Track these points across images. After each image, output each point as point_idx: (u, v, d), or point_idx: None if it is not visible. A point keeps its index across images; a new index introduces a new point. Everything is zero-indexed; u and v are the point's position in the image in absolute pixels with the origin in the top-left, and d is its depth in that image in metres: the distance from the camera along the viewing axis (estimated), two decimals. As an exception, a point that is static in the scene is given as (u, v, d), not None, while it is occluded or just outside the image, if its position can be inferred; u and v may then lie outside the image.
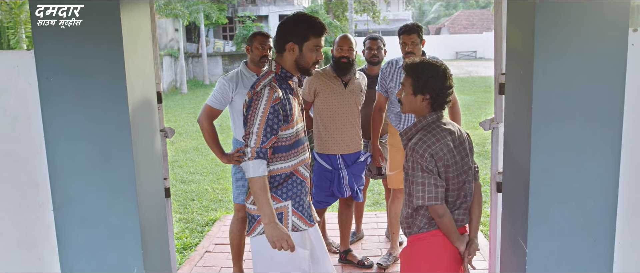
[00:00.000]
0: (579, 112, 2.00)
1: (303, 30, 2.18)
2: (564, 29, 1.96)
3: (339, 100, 3.40)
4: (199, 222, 5.17)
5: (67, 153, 2.16)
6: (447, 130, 2.15)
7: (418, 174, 2.09)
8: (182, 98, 17.92)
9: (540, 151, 2.02)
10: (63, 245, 2.23)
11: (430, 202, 2.08)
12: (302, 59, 2.21)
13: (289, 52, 2.19)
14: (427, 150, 2.07)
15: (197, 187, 6.60)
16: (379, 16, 25.68)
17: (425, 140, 2.09)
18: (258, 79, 2.20)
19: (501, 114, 2.54)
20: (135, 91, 2.18)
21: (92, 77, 2.11)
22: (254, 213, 2.24)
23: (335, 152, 3.44)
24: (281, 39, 2.21)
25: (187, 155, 8.56)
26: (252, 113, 2.10)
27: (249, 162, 2.08)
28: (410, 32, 3.42)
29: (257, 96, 2.10)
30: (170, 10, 18.33)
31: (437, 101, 2.14)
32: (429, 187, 2.08)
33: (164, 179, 2.57)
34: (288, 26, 2.21)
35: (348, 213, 3.77)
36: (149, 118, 2.35)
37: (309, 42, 2.19)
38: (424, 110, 2.17)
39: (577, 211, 2.07)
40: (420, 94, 2.13)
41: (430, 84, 2.11)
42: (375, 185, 6.10)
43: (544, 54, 1.97)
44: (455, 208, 2.19)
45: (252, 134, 2.09)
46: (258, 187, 2.09)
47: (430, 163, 2.07)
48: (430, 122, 2.16)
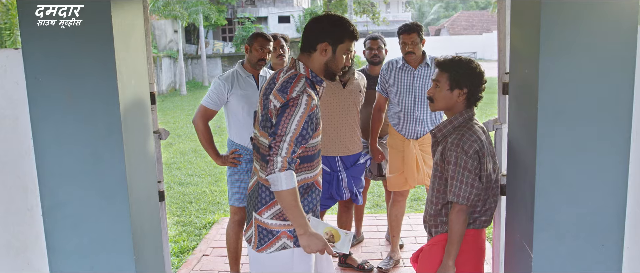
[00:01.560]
0: (586, 111, 1.93)
1: (339, 32, 2.05)
2: (570, 26, 1.89)
3: (338, 101, 3.35)
4: (196, 224, 5.12)
5: (57, 155, 2.09)
6: (480, 128, 2.17)
7: (460, 171, 2.07)
8: (181, 99, 17.91)
9: (546, 152, 1.96)
10: (53, 251, 2.16)
11: (464, 202, 2.08)
12: (334, 62, 2.08)
13: (321, 53, 2.05)
14: (473, 147, 2.07)
15: (195, 190, 6.54)
16: (379, 17, 25.60)
17: (469, 137, 2.09)
18: (287, 82, 2.01)
19: (505, 115, 2.48)
20: (127, 91, 2.11)
21: (83, 77, 2.04)
22: (274, 228, 2.09)
23: (334, 154, 3.38)
24: (313, 38, 2.06)
25: (185, 157, 8.50)
26: (286, 120, 1.93)
27: (281, 173, 1.91)
28: (410, 31, 3.38)
29: (294, 102, 1.94)
30: (169, 12, 18.29)
31: (474, 96, 2.14)
32: (467, 186, 2.07)
33: (158, 182, 2.50)
34: (323, 25, 2.06)
35: (347, 216, 3.72)
36: (141, 119, 2.28)
37: (343, 45, 2.07)
38: (459, 107, 2.16)
39: (584, 214, 2.00)
40: (457, 88, 2.13)
41: (468, 78, 2.12)
42: (375, 187, 6.04)
43: (550, 52, 1.90)
44: (487, 209, 2.19)
45: (284, 143, 1.92)
46: (292, 199, 1.93)
47: (475, 160, 2.07)
48: (467, 119, 2.17)
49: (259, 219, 2.11)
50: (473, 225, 2.17)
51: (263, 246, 2.11)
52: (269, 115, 2.02)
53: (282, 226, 2.08)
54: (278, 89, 2.01)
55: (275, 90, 2.02)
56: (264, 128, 2.07)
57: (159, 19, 21.22)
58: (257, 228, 2.13)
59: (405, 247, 4.12)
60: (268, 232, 2.09)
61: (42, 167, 2.10)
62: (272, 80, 2.11)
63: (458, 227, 2.09)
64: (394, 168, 3.64)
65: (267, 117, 2.04)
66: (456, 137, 2.10)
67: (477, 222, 2.18)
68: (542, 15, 1.88)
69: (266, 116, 2.05)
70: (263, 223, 2.10)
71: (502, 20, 2.44)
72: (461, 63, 2.14)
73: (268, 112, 2.03)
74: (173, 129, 11.52)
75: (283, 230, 2.09)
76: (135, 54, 2.21)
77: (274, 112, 2.00)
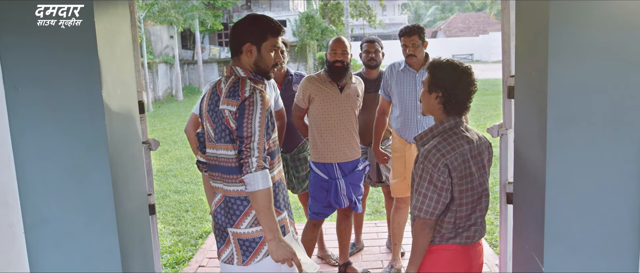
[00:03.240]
0: (598, 116, 1.83)
1: (260, 30, 2.05)
2: (580, 26, 1.80)
3: (335, 105, 3.25)
4: (192, 234, 5.03)
5: (39, 169, 1.99)
6: (464, 137, 2.01)
7: (424, 184, 1.96)
8: (178, 105, 17.84)
9: (556, 159, 1.85)
10: (36, 270, 2.05)
11: (425, 215, 1.96)
12: (261, 60, 2.07)
13: (247, 54, 2.06)
14: (441, 160, 1.94)
15: (191, 197, 6.44)
16: (375, 20, 25.62)
17: (440, 148, 1.96)
18: (233, 87, 2.01)
19: (510, 119, 2.37)
20: (112, 101, 2.00)
21: (65, 86, 1.94)
22: (256, 235, 2.04)
23: (332, 161, 3.28)
24: (237, 41, 2.07)
25: (181, 165, 8.39)
26: (248, 120, 1.93)
27: (257, 173, 1.90)
28: (410, 33, 3.30)
29: (249, 102, 1.94)
30: (164, 17, 18.18)
31: (450, 102, 2.00)
32: (430, 201, 1.95)
33: (148, 195, 2.39)
34: (243, 26, 2.07)
35: (347, 224, 3.61)
36: (129, 129, 2.17)
37: (267, 42, 2.06)
38: (438, 113, 2.05)
39: (597, 225, 1.90)
40: (433, 91, 2.02)
41: (442, 81, 2.00)
42: (375, 192, 5.94)
43: (559, 53, 1.80)
44: (470, 224, 2.03)
45: (253, 143, 1.92)
46: (267, 200, 1.92)
47: (443, 174, 1.94)
48: (448, 128, 2.03)
49: (237, 232, 2.06)
50: (454, 240, 2.03)
51: (248, 258, 2.05)
52: (226, 124, 1.99)
53: (263, 231, 2.03)
54: (227, 96, 2.00)
55: (223, 98, 2.00)
56: (221, 140, 2.02)
57: (154, 25, 21.12)
58: (237, 243, 2.06)
59: (407, 255, 4.00)
60: (250, 241, 2.05)
61: (24, 182, 2.00)
62: (213, 94, 2.08)
63: (420, 239, 2.00)
64: (396, 174, 3.55)
65: (224, 127, 2.01)
66: (428, 149, 1.98)
67: (459, 238, 2.03)
68: (551, 15, 1.78)
69: (223, 126, 2.01)
70: (243, 235, 2.05)
71: (506, 20, 2.34)
72: (441, 65, 2.03)
73: (224, 121, 2.00)
74: (169, 136, 11.42)
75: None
76: (121, 61, 2.10)
77: (232, 117, 1.98)
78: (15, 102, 1.95)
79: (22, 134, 1.96)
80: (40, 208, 2.01)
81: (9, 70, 1.93)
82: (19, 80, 1.93)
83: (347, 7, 23.51)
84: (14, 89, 1.93)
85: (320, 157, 3.29)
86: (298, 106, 3.31)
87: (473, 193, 2.00)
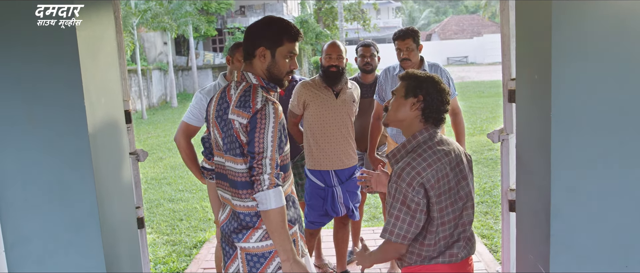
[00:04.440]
0: (605, 120, 1.75)
1: (276, 34, 1.91)
2: (584, 27, 1.72)
3: (331, 111, 3.17)
4: (187, 244, 4.93)
5: (19, 184, 1.90)
6: (441, 151, 1.85)
7: (397, 205, 1.80)
8: (173, 112, 17.75)
9: (561, 166, 1.77)
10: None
11: (397, 239, 1.81)
12: (275, 66, 1.93)
13: (260, 59, 1.92)
14: (416, 178, 1.78)
15: (185, 206, 6.33)
16: (369, 24, 25.62)
17: (415, 166, 1.80)
18: (244, 96, 1.89)
19: (512, 124, 2.29)
20: (96, 111, 1.91)
21: (45, 96, 1.84)
22: (265, 250, 1.94)
23: (328, 168, 3.20)
24: (250, 44, 1.93)
25: (176, 172, 8.27)
26: (260, 135, 1.81)
27: (269, 191, 1.80)
28: (405, 37, 3.22)
29: (261, 115, 1.82)
30: (157, 24, 18.07)
31: (430, 109, 1.86)
32: (402, 223, 1.80)
33: (137, 208, 2.29)
34: (259, 29, 1.93)
35: (344, 233, 3.54)
36: (114, 141, 2.07)
37: (283, 48, 1.92)
38: (414, 123, 1.88)
39: (605, 234, 1.82)
40: (412, 96, 1.86)
41: (425, 86, 1.85)
42: (372, 198, 5.85)
43: (563, 55, 1.72)
44: (453, 241, 1.89)
45: (266, 159, 1.81)
46: (280, 219, 1.81)
47: (418, 194, 1.78)
48: (422, 142, 1.88)
49: (246, 247, 1.94)
50: (436, 259, 1.89)
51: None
52: (235, 136, 1.88)
53: (273, 246, 1.93)
54: (237, 106, 1.88)
55: (233, 107, 1.88)
56: (229, 151, 1.91)
57: (148, 31, 21.02)
58: (244, 259, 1.94)
59: (406, 263, 3.92)
60: (260, 257, 1.93)
61: (3, 198, 1.90)
62: (221, 100, 1.97)
63: (382, 255, 1.89)
64: (392, 181, 3.46)
65: (233, 138, 1.89)
66: (401, 166, 1.82)
67: (441, 256, 1.89)
68: (553, 15, 1.70)
69: (232, 138, 1.89)
70: (252, 249, 1.93)
71: (506, 21, 2.26)
72: (417, 73, 1.89)
73: (233, 132, 1.88)
74: (164, 143, 11.31)
75: (275, 249, 1.93)
76: (105, 69, 2.01)
77: (242, 130, 1.86)
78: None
79: (1, 148, 1.87)
80: (21, 225, 1.91)
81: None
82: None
83: (341, 11, 23.50)
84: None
85: (316, 164, 3.21)
86: (292, 112, 3.24)
87: (454, 209, 1.86)
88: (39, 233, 1.91)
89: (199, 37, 24.11)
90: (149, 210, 6.21)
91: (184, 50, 24.89)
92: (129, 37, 17.00)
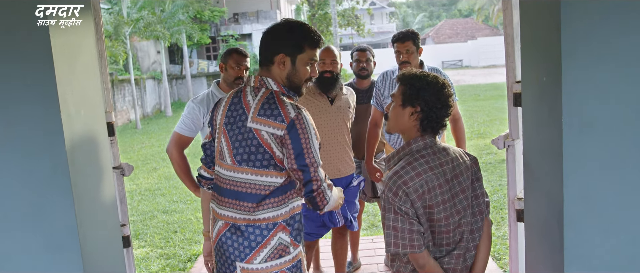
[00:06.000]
0: (621, 124, 1.63)
1: (297, 40, 1.80)
2: (596, 24, 1.60)
3: (326, 119, 3.05)
4: (181, 257, 4.81)
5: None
6: (435, 160, 1.75)
7: (390, 216, 1.70)
8: (167, 121, 17.64)
9: (574, 173, 1.65)
10: (-8, 318, 1.81)
11: (405, 250, 1.70)
12: (295, 74, 1.83)
13: (279, 66, 1.81)
14: (402, 188, 1.68)
15: (180, 217, 6.20)
16: (364, 29, 25.58)
17: (402, 175, 1.70)
18: (268, 104, 1.77)
19: (518, 129, 2.17)
20: (74, 124, 1.78)
21: (18, 109, 1.71)
22: (268, 272, 1.83)
23: (325, 178, 3.06)
24: (269, 50, 1.82)
25: (170, 183, 8.13)
26: (306, 144, 1.75)
27: (331, 202, 1.86)
28: (404, 39, 3.12)
29: (300, 123, 1.74)
30: (150, 32, 17.95)
31: (428, 118, 1.75)
32: (402, 233, 1.69)
33: (122, 226, 2.15)
34: (278, 34, 1.82)
35: (342, 244, 3.42)
36: (95, 155, 1.94)
37: (304, 55, 1.82)
38: (412, 131, 1.78)
39: (623, 244, 1.69)
40: (409, 105, 1.75)
41: (423, 94, 1.73)
42: (370, 206, 5.73)
43: (573, 55, 1.60)
44: (445, 255, 1.78)
45: (319, 169, 1.80)
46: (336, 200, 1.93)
47: (405, 203, 1.68)
48: (415, 150, 1.77)
49: (248, 268, 1.81)
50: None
51: None
52: (264, 147, 1.76)
53: (278, 266, 1.82)
54: (262, 115, 1.76)
55: (257, 117, 1.76)
56: (250, 162, 1.79)
57: (141, 41, 20.89)
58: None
59: None
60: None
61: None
62: (235, 106, 1.85)
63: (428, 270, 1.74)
64: (391, 190, 3.34)
65: (254, 149, 1.77)
66: (389, 175, 1.73)
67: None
68: (562, 14, 1.58)
69: (252, 149, 1.78)
70: (255, 271, 1.81)
71: (509, 22, 2.15)
72: (420, 78, 1.77)
73: (259, 143, 1.76)
74: (157, 153, 11.16)
75: (281, 269, 1.83)
76: (84, 79, 1.88)
77: (275, 141, 1.75)
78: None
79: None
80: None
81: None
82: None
83: (335, 17, 23.42)
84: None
85: (311, 174, 3.09)
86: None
87: (447, 222, 1.74)
88: (14, 255, 1.77)
89: (192, 46, 24.01)
90: (142, 223, 6.07)
91: (178, 59, 24.76)
92: (122, 47, 16.88)
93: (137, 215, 6.44)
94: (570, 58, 1.60)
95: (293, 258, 1.85)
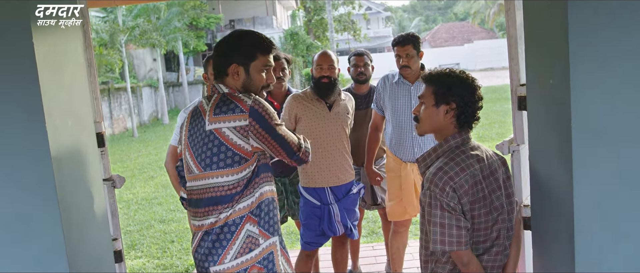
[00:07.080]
0: (633, 128, 1.56)
1: (248, 48, 1.81)
2: (605, 24, 1.53)
3: (324, 125, 2.99)
4: (178, 267, 4.74)
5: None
6: (474, 156, 1.74)
7: (436, 213, 1.68)
8: (164, 129, 17.55)
9: (585, 179, 1.58)
10: None
11: (451, 248, 1.68)
12: (251, 83, 1.83)
13: (233, 77, 1.82)
14: (449, 183, 1.67)
15: (177, 227, 6.12)
16: (360, 34, 25.62)
17: (447, 170, 1.69)
18: (223, 103, 1.78)
19: (523, 134, 2.10)
20: (61, 135, 1.70)
21: (3, 119, 1.63)
22: (241, 267, 1.81)
23: (324, 185, 3.02)
24: (221, 62, 1.83)
25: (167, 191, 8.05)
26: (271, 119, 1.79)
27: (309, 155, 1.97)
28: (404, 43, 3.07)
29: (258, 104, 1.78)
30: (146, 40, 17.88)
31: (465, 114, 1.75)
32: (450, 229, 1.66)
33: (113, 240, 2.07)
34: (229, 45, 1.83)
35: (342, 252, 3.36)
36: (84, 167, 1.87)
37: (257, 62, 1.83)
38: (448, 129, 1.78)
39: (636, 252, 1.62)
40: (443, 103, 1.75)
41: (456, 90, 1.74)
42: (370, 214, 5.65)
43: (582, 56, 1.54)
44: (483, 252, 1.76)
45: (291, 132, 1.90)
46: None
47: (453, 199, 1.67)
48: (454, 146, 1.76)
49: (220, 270, 1.80)
50: None
51: None
52: (227, 145, 1.75)
53: (249, 261, 1.81)
54: (220, 113, 1.77)
55: (213, 116, 1.77)
56: (212, 166, 1.78)
57: (137, 48, 20.82)
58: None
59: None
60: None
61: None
62: (195, 118, 1.86)
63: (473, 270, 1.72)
64: (392, 196, 3.31)
65: (218, 150, 1.76)
66: (433, 172, 1.72)
67: None
68: (570, 14, 1.52)
69: (214, 150, 1.77)
70: (227, 270, 1.81)
71: (512, 23, 2.08)
72: (449, 75, 1.79)
73: (221, 142, 1.76)
74: (155, 161, 11.07)
75: (251, 264, 1.81)
76: (71, 89, 1.81)
77: (239, 134, 1.75)
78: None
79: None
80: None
81: None
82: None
83: (332, 22, 23.45)
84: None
85: (310, 182, 3.02)
86: (284, 127, 3.05)
87: (486, 219, 1.73)
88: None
89: (189, 53, 23.94)
90: (138, 233, 5.98)
91: (174, 66, 24.70)
92: (118, 55, 16.80)
93: (134, 224, 6.35)
94: (579, 60, 1.54)
95: (263, 250, 1.83)
